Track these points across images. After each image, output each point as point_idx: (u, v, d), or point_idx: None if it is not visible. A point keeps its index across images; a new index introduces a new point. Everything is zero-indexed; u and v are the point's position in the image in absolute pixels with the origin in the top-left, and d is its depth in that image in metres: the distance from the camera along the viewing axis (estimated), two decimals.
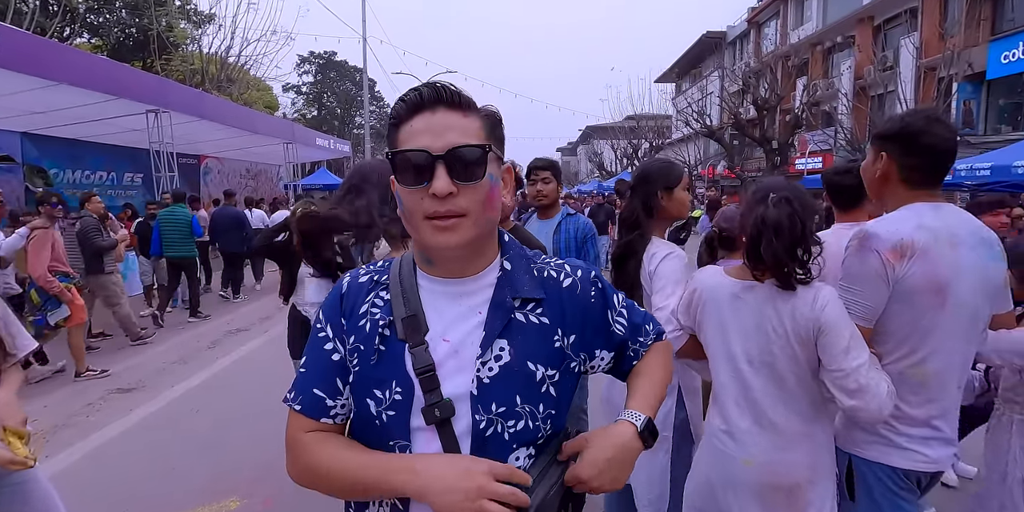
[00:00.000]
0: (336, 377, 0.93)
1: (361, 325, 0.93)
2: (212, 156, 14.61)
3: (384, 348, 0.90)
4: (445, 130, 0.83)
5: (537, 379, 0.89)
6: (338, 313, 0.96)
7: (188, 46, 19.64)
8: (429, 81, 0.87)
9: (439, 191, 0.80)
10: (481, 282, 0.93)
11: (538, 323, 0.92)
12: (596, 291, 1.00)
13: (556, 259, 1.03)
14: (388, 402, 0.87)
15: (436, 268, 0.92)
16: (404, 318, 0.90)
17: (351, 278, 1.00)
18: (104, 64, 8.20)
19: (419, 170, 0.82)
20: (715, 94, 28.53)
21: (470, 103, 0.87)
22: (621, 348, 1.05)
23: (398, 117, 0.87)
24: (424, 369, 0.86)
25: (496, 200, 0.89)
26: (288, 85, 35.47)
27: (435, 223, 0.83)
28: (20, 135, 9.57)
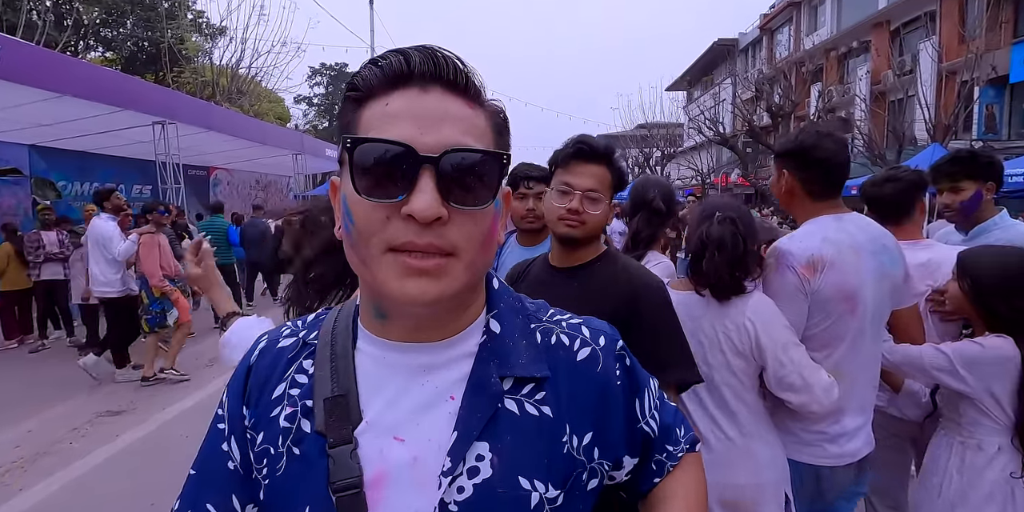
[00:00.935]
0: (232, 492, 0.64)
1: (273, 416, 0.62)
2: (221, 167, 14.60)
3: (297, 450, 0.60)
4: (441, 120, 0.54)
5: (532, 504, 0.58)
6: (239, 398, 0.66)
7: (199, 59, 19.78)
8: (423, 44, 0.56)
9: (421, 213, 0.51)
10: (456, 350, 0.62)
11: (537, 415, 0.61)
12: (622, 370, 0.68)
13: (569, 316, 0.71)
14: None
15: (390, 326, 0.61)
16: (327, 398, 0.60)
17: (269, 340, 0.70)
18: (110, 76, 8.17)
19: (392, 175, 0.52)
20: (728, 101, 28.29)
21: (479, 89, 0.58)
22: (643, 457, 0.72)
23: (366, 88, 0.56)
24: (345, 484, 0.56)
25: (495, 238, 0.60)
26: (299, 97, 35.80)
27: (407, 261, 0.53)
28: (28, 148, 9.56)
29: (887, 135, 17.06)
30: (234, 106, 17.73)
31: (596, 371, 0.66)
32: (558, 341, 0.67)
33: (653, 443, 0.73)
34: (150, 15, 18.25)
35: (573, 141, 1.40)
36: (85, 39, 17.53)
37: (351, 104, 0.58)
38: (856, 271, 1.58)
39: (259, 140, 11.44)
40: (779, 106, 20.55)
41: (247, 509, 0.65)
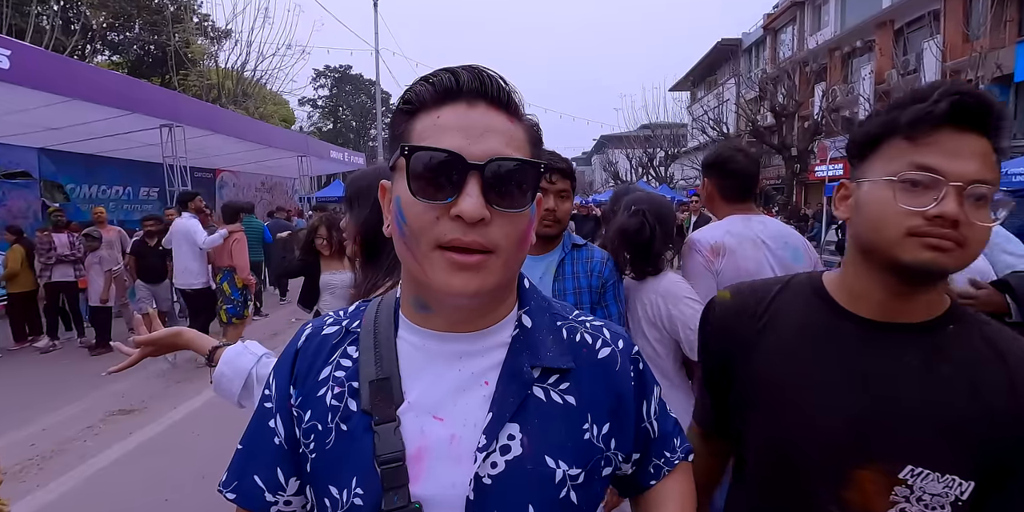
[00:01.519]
0: (277, 466, 0.70)
1: (320, 396, 0.68)
2: (227, 170, 14.68)
3: (345, 427, 0.66)
4: (485, 132, 0.60)
5: (556, 480, 0.64)
6: (288, 378, 0.72)
7: (205, 61, 19.91)
8: (470, 64, 0.63)
9: (468, 214, 0.57)
10: (490, 340, 0.68)
11: (562, 404, 0.68)
12: (635, 372, 0.75)
13: (592, 318, 0.77)
14: (346, 505, 0.63)
15: (433, 317, 0.68)
16: (372, 381, 0.66)
17: (314, 327, 0.76)
18: (117, 79, 8.24)
19: (443, 180, 0.59)
20: (731, 101, 28.27)
21: (519, 106, 0.65)
22: (643, 456, 0.78)
23: (418, 102, 0.63)
24: (389, 457, 0.62)
25: (529, 239, 0.66)
26: (304, 99, 35.94)
27: (453, 257, 0.59)
28: (37, 151, 9.66)
29: None
30: (239, 108, 17.85)
31: (615, 370, 0.72)
32: (582, 339, 0.73)
33: (652, 445, 0.78)
34: (156, 19, 18.39)
35: (946, 91, 0.77)
36: (92, 43, 17.65)
37: (403, 116, 0.64)
38: (755, 259, 1.89)
39: (264, 142, 11.52)
40: (783, 106, 20.54)
41: (290, 482, 0.70)
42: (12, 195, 9.08)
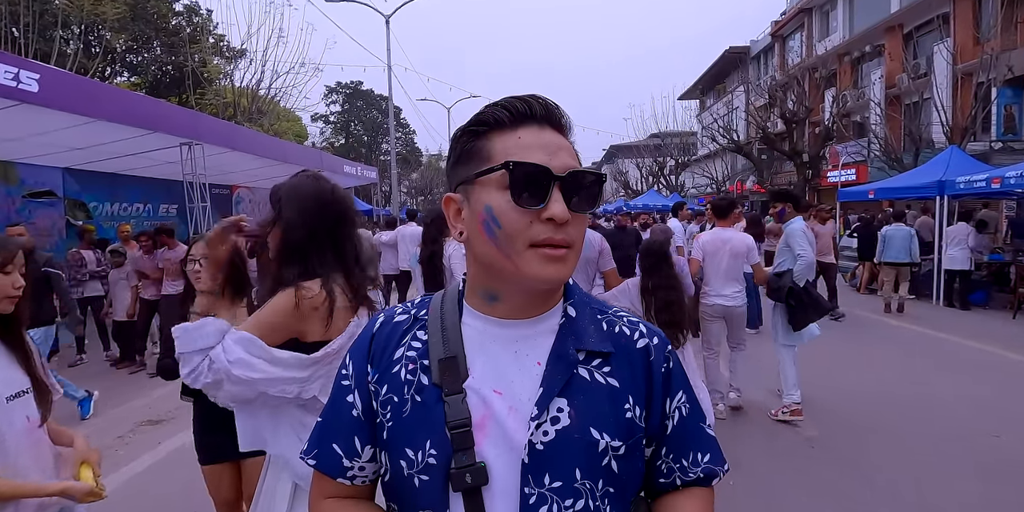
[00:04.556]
0: (355, 435, 0.81)
1: (395, 372, 0.79)
2: (244, 186, 14.94)
3: (419, 398, 0.76)
4: (558, 149, 0.73)
5: (599, 449, 0.74)
6: (365, 358, 0.83)
7: (221, 81, 20.34)
8: (533, 94, 0.76)
9: (559, 217, 0.69)
10: (541, 327, 0.79)
11: (605, 384, 0.77)
12: (666, 368, 0.83)
13: (630, 314, 0.88)
14: (421, 465, 0.74)
15: (499, 305, 0.78)
16: (441, 359, 0.76)
17: (386, 316, 0.87)
18: (139, 100, 8.47)
19: (535, 190, 0.69)
20: (741, 109, 28.26)
21: (571, 128, 0.78)
22: (655, 450, 0.84)
23: (496, 124, 0.74)
24: (458, 423, 0.72)
25: None
26: (317, 115, 36.48)
27: (547, 252, 0.70)
28: (62, 170, 9.93)
29: (904, 139, 16.91)
30: (255, 125, 18.17)
31: (649, 360, 0.81)
32: (620, 330, 0.82)
33: (666, 442, 0.83)
34: (174, 40, 18.88)
35: None
36: (113, 65, 18.17)
37: (474, 136, 0.75)
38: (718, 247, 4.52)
39: (280, 158, 11.72)
40: (793, 112, 20.50)
41: (365, 449, 0.80)
42: (38, 213, 9.32)
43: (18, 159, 8.98)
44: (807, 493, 3.28)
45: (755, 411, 4.58)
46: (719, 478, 0.88)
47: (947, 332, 7.30)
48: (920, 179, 10.48)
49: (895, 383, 5.27)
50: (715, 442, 0.89)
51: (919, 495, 3.22)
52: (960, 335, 7.10)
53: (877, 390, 5.05)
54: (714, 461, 0.86)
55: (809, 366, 5.74)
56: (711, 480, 0.87)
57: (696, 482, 0.85)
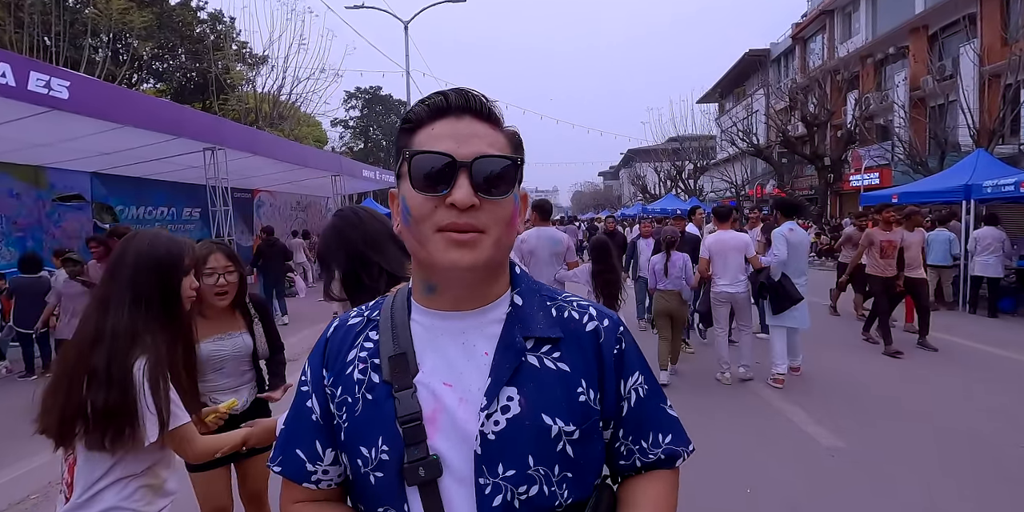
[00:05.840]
0: (315, 439, 0.81)
1: (348, 374, 0.80)
2: (264, 190, 15.18)
3: (370, 396, 0.77)
4: (471, 137, 0.72)
5: (552, 435, 0.74)
6: (320, 362, 0.84)
7: (243, 87, 20.71)
8: (457, 87, 0.76)
9: (460, 201, 0.69)
10: (487, 317, 0.79)
11: (555, 369, 0.77)
12: (618, 350, 0.83)
13: (581, 299, 0.88)
14: (375, 462, 0.74)
15: (438, 297, 0.78)
16: (391, 356, 0.77)
17: (339, 321, 0.88)
18: (165, 106, 8.65)
19: (438, 176, 0.70)
20: (761, 112, 27.97)
21: (499, 117, 0.77)
22: (613, 433, 0.84)
23: (416, 120, 0.75)
24: (408, 418, 0.73)
25: (516, 224, 0.77)
26: (336, 120, 36.91)
27: (451, 236, 0.70)
28: (90, 175, 10.18)
29: (929, 142, 16.59)
30: (276, 131, 18.45)
31: (599, 342, 0.81)
32: (569, 315, 0.83)
33: (622, 425, 0.83)
34: (198, 47, 19.28)
35: None
36: (139, 72, 18.60)
37: (405, 134, 0.76)
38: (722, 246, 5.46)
39: (300, 163, 11.88)
40: (814, 115, 20.26)
41: (326, 452, 0.81)
42: (67, 217, 9.57)
43: (48, 164, 9.23)
44: (827, 503, 3.22)
45: (783, 421, 4.51)
46: (683, 459, 0.87)
47: (976, 341, 7.12)
48: (946, 183, 10.26)
49: (921, 392, 5.15)
50: (677, 423, 0.88)
51: (938, 506, 3.14)
52: (989, 344, 6.92)
53: (902, 399, 4.94)
54: (676, 442, 0.86)
55: (834, 375, 5.66)
56: (674, 461, 0.86)
57: (658, 464, 0.84)
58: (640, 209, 28.84)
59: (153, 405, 1.42)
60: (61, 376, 1.45)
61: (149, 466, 1.51)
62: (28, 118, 6.26)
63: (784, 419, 4.50)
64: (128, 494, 1.46)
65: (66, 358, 1.47)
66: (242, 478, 2.35)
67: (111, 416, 1.38)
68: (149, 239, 1.59)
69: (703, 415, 4.56)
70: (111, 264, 1.56)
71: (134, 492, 1.47)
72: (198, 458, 1.57)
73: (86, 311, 1.54)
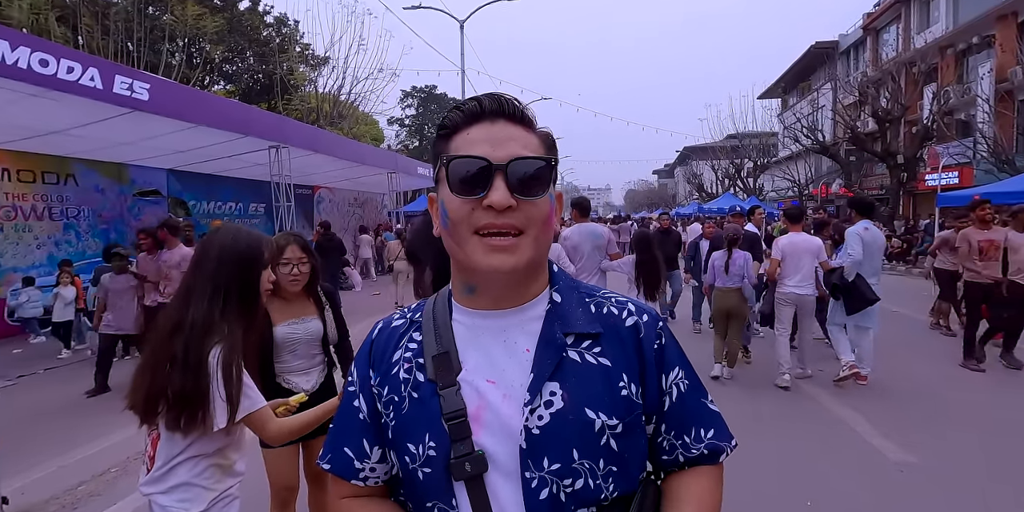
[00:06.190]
0: (363, 437, 0.84)
1: (394, 374, 0.82)
2: (324, 186, 15.70)
3: (416, 394, 0.79)
4: (506, 141, 0.74)
5: (596, 429, 0.75)
6: (366, 363, 0.87)
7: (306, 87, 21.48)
8: (491, 92, 0.79)
9: (497, 203, 0.70)
10: (527, 315, 0.80)
11: (596, 364, 0.78)
12: (659, 344, 0.83)
13: (619, 295, 0.89)
14: (422, 458, 0.76)
15: (477, 298, 0.80)
16: (435, 356, 0.79)
17: (384, 322, 0.91)
18: (234, 106, 9.10)
19: (475, 179, 0.72)
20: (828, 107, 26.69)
21: (532, 119, 0.79)
22: (656, 427, 0.83)
23: (452, 126, 0.78)
24: (453, 414, 0.75)
25: (553, 222, 0.79)
26: (392, 118, 37.73)
27: (489, 241, 0.72)
28: (166, 171, 10.82)
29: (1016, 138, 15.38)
30: (335, 129, 19.06)
31: (639, 337, 0.81)
32: (608, 311, 0.84)
33: (664, 419, 0.83)
34: (264, 50, 20.13)
35: None
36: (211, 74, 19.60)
37: (441, 140, 0.79)
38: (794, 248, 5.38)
39: (358, 160, 12.23)
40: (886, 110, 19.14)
41: (374, 450, 0.84)
42: (145, 210, 10.20)
43: (129, 161, 9.88)
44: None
45: (845, 430, 4.31)
46: (726, 454, 0.85)
47: None
48: None
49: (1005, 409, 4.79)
50: (719, 418, 0.87)
51: None
52: None
53: (982, 415, 4.61)
54: (719, 436, 0.85)
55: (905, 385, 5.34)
56: (717, 456, 0.85)
57: (701, 459, 0.83)
58: (696, 208, 28.12)
59: (224, 393, 1.49)
60: (148, 359, 1.54)
61: (219, 448, 1.59)
62: (113, 118, 6.71)
63: (847, 428, 4.28)
64: (199, 472, 1.55)
65: (153, 342, 1.56)
66: (307, 457, 2.46)
67: (186, 400, 1.47)
68: (232, 234, 1.67)
69: (760, 422, 4.40)
70: (197, 256, 1.64)
71: (204, 470, 1.56)
72: (275, 440, 1.64)
73: (173, 300, 1.63)
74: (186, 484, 1.54)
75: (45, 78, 5.30)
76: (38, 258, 8.46)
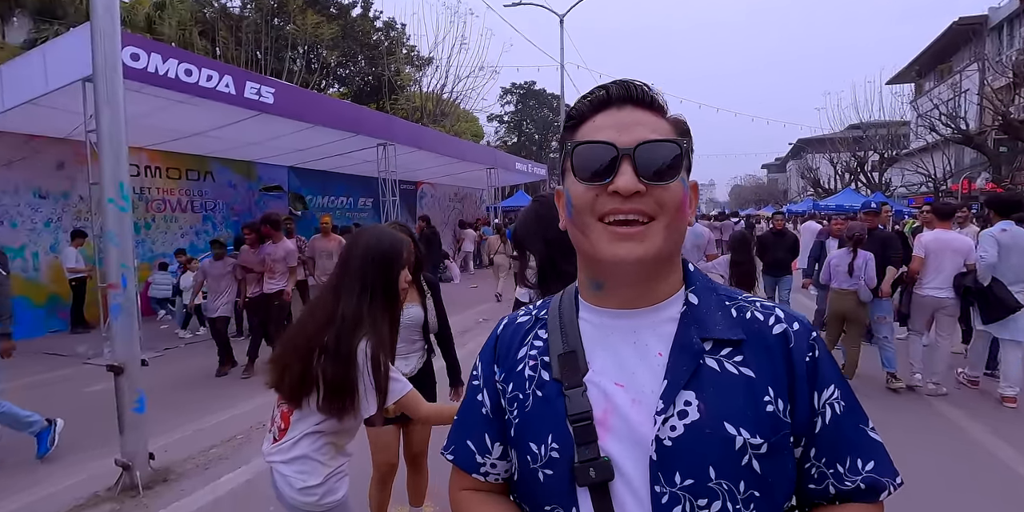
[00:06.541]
0: (485, 432, 0.83)
1: (519, 371, 0.81)
2: (427, 182, 16.35)
3: (540, 393, 0.77)
4: (634, 125, 0.71)
5: (736, 447, 0.67)
6: (491, 359, 0.86)
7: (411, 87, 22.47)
8: (619, 79, 0.75)
9: (623, 188, 0.67)
10: (660, 316, 0.75)
11: (738, 374, 0.71)
12: (811, 357, 0.73)
13: (765, 300, 0.80)
14: (544, 459, 0.73)
15: (606, 295, 0.76)
16: (560, 355, 0.76)
17: (508, 319, 0.90)
18: (347, 107, 9.72)
19: (601, 166, 0.69)
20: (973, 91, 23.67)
21: (663, 105, 0.75)
22: (804, 451, 0.73)
23: (578, 116, 0.75)
24: (579, 416, 0.71)
25: (687, 210, 0.73)
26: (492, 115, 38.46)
27: (615, 230, 0.68)
28: (287, 169, 11.80)
29: None
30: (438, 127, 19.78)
31: (789, 347, 0.73)
32: (752, 316, 0.76)
33: (815, 443, 0.73)
34: (374, 54, 21.30)
35: None
36: (327, 78, 21.06)
37: (569, 131, 0.76)
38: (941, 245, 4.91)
39: (459, 156, 12.61)
40: None
41: (495, 446, 0.83)
42: (270, 204, 11.19)
43: (256, 159, 10.87)
44: None
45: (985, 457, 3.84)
46: (887, 492, 0.73)
47: None
48: None
49: None
50: (881, 448, 0.75)
51: None
52: None
53: None
54: (880, 470, 0.73)
55: None
56: (877, 494, 0.73)
57: (856, 494, 0.72)
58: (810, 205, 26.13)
59: (373, 382, 1.59)
60: (300, 346, 1.64)
61: (338, 430, 1.70)
62: (244, 121, 7.41)
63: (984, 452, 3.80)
64: (318, 447, 1.67)
65: (305, 332, 1.67)
66: (406, 440, 2.59)
67: (336, 387, 1.58)
68: (376, 234, 1.77)
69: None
70: (345, 255, 1.74)
71: (323, 446, 1.68)
72: (424, 420, 1.71)
73: (322, 294, 1.74)
74: (305, 457, 1.66)
75: (189, 86, 5.96)
76: (182, 245, 9.54)
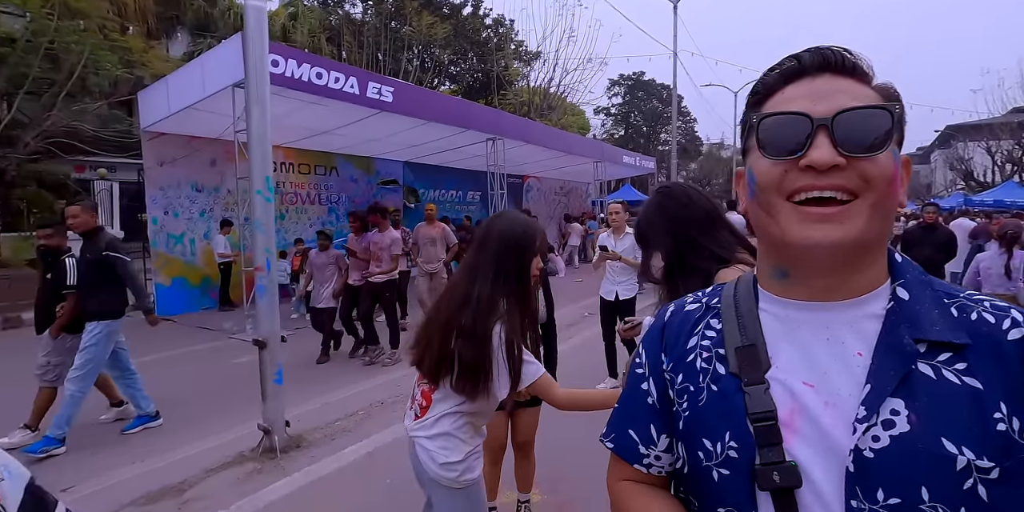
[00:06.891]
0: (650, 423, 0.78)
1: (690, 361, 0.75)
2: (534, 176, 16.51)
3: (715, 387, 0.71)
4: (831, 93, 0.63)
5: (958, 467, 0.56)
6: (658, 347, 0.80)
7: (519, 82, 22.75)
8: (815, 46, 0.66)
9: (818, 161, 0.59)
10: (861, 311, 0.66)
11: (960, 384, 0.60)
12: None
13: (994, 299, 0.68)
14: (720, 457, 0.67)
15: (792, 285, 0.68)
16: (738, 348, 0.70)
17: (676, 306, 0.84)
18: (457, 103, 10.05)
19: (792, 139, 0.62)
20: None
21: (867, 70, 0.65)
22: None
23: (765, 91, 0.67)
24: (761, 415, 0.65)
25: (900, 187, 0.63)
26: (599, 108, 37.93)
27: (807, 210, 0.61)
28: (403, 163, 12.44)
29: None
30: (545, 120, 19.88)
31: None
32: (980, 317, 0.64)
33: None
34: (483, 51, 21.82)
35: None
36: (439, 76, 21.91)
37: (752, 107, 0.69)
38: None
39: (565, 150, 12.58)
40: None
41: (660, 438, 0.77)
42: (386, 197, 11.88)
43: (375, 155, 11.57)
44: None
45: None
46: None
47: None
48: None
49: None
50: None
51: None
52: None
53: None
54: None
55: None
56: None
57: None
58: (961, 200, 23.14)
59: (507, 365, 1.63)
60: (440, 326, 1.72)
61: (476, 412, 1.76)
62: (367, 119, 7.92)
63: None
64: (459, 426, 1.74)
65: (439, 314, 1.75)
66: (514, 428, 2.66)
67: (470, 368, 1.64)
68: (511, 220, 1.81)
69: None
70: (479, 239, 1.79)
71: (463, 425, 1.75)
72: (561, 404, 1.72)
73: (457, 276, 1.80)
74: (447, 434, 1.73)
75: (319, 88, 6.47)
76: (311, 235, 10.41)
